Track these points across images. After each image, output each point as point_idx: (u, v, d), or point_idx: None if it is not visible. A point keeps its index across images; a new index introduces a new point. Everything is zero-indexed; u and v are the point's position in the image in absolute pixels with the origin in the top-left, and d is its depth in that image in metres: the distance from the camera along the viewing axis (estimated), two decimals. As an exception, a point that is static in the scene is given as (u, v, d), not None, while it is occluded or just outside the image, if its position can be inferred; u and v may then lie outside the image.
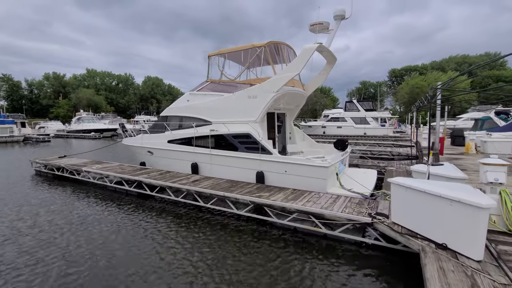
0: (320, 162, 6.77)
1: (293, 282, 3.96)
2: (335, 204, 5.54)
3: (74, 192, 8.76)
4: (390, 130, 32.54)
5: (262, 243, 5.20)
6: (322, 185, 6.76)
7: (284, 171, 7.27)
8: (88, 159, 12.17)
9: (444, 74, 67.63)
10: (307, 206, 5.38)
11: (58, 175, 10.67)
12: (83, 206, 7.45)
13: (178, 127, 9.63)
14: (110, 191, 8.83)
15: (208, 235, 5.57)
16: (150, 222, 6.27)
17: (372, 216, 4.76)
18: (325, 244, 5.11)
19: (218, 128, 8.49)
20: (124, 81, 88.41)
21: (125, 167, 9.86)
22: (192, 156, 8.88)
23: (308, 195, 6.15)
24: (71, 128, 38.12)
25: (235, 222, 6.22)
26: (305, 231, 5.48)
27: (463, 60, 79.64)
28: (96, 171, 9.26)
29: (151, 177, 8.18)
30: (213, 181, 7.61)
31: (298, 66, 7.47)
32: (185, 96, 9.64)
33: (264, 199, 5.89)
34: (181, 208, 7.15)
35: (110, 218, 6.57)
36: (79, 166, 10.04)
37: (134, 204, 7.58)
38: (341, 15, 7.98)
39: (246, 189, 6.71)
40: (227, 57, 9.07)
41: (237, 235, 5.55)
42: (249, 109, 8.11)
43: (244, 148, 7.89)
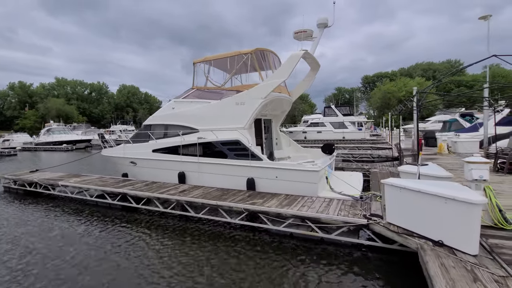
0: (310, 167, 6.84)
1: (297, 289, 3.91)
2: (329, 207, 5.60)
3: (50, 209, 8.15)
4: (367, 134, 33.86)
5: (258, 250, 5.12)
6: (313, 189, 6.82)
7: (275, 176, 7.25)
8: (64, 172, 11.42)
9: (411, 80, 71.92)
10: (303, 211, 5.39)
11: (31, 191, 9.89)
12: (62, 223, 6.94)
13: (163, 136, 9.35)
14: (90, 206, 8.32)
15: (203, 245, 5.39)
16: (139, 237, 5.96)
17: (367, 217, 4.86)
18: (322, 248, 5.13)
19: (206, 136, 8.35)
20: (98, 90, 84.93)
21: (106, 179, 9.36)
22: (179, 165, 8.63)
23: (302, 200, 6.17)
24: (40, 140, 35.74)
25: (229, 231, 6.09)
26: (301, 236, 5.47)
27: (428, 67, 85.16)
28: (75, 184, 8.70)
29: (136, 188, 7.82)
30: (203, 190, 7.42)
31: (285, 72, 7.57)
32: (170, 104, 9.41)
33: (259, 206, 5.82)
34: (170, 220, 6.89)
35: (94, 235, 6.15)
36: (54, 180, 9.39)
37: (119, 218, 7.18)
38: (324, 23, 8.25)
39: (239, 197, 6.61)
40: (213, 64, 9.02)
41: (233, 244, 5.42)
42: (237, 116, 8.06)
43: (233, 155, 7.80)
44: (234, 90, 8.34)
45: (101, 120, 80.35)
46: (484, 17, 9.70)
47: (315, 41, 8.40)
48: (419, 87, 72.43)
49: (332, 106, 35.92)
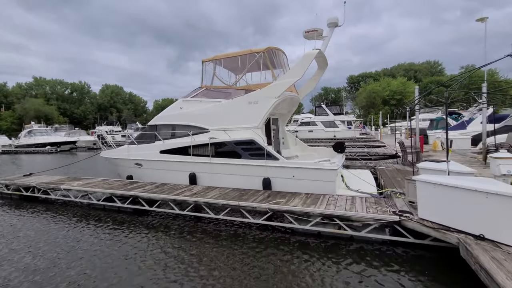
0: (329, 165, 6.88)
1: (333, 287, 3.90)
2: (355, 205, 5.64)
3: (53, 215, 7.72)
4: (357, 132, 34.59)
5: (287, 250, 5.07)
6: (331, 187, 6.86)
7: (291, 176, 7.24)
8: (60, 175, 10.87)
9: (394, 80, 74.21)
10: (331, 209, 5.40)
11: (27, 196, 9.34)
12: (70, 229, 6.59)
13: (170, 136, 9.10)
14: (97, 210, 7.96)
15: (227, 247, 5.27)
16: (157, 240, 5.74)
17: (398, 214, 4.93)
18: (352, 246, 5.15)
19: (217, 136, 8.21)
20: (79, 90, 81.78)
21: (111, 182, 9.00)
22: (190, 166, 8.43)
23: (324, 199, 6.18)
24: (21, 143, 33.92)
25: (251, 231, 6.00)
26: (329, 235, 5.48)
27: (410, 67, 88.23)
28: (79, 188, 8.30)
29: (148, 190, 7.56)
30: (219, 191, 7.27)
31: (299, 71, 7.57)
32: (177, 104, 9.17)
33: (284, 206, 5.78)
34: (186, 222, 6.70)
35: (108, 241, 5.86)
36: (55, 184, 8.92)
37: (131, 222, 6.91)
38: (335, 22, 8.31)
39: (259, 197, 6.53)
40: (223, 62, 8.87)
41: (259, 244, 5.33)
42: (250, 115, 7.98)
43: (248, 155, 7.71)
44: (246, 89, 8.25)
45: (83, 121, 77.45)
46: (482, 19, 10.12)
47: (325, 40, 8.45)
48: (402, 86, 74.45)
49: (323, 105, 36.44)
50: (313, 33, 8.32)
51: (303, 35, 8.61)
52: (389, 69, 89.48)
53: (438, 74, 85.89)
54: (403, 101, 69.56)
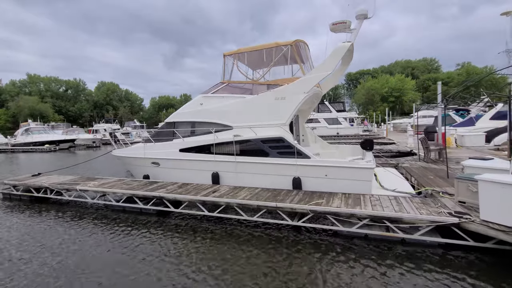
0: (365, 164, 6.57)
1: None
2: (401, 206, 5.34)
3: (71, 217, 7.28)
4: (360, 129, 34.48)
5: (331, 254, 4.76)
6: (367, 187, 6.57)
7: (324, 175, 6.92)
8: (70, 175, 10.38)
9: (392, 77, 74.37)
10: (380, 211, 5.09)
11: (38, 197, 8.87)
12: (93, 233, 6.17)
13: (190, 134, 8.70)
14: (116, 212, 7.55)
15: (264, 252, 4.93)
16: (188, 246, 5.35)
17: (456, 215, 4.64)
18: (401, 249, 4.85)
19: (241, 133, 7.84)
20: (74, 87, 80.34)
21: (129, 182, 8.57)
22: (212, 165, 8.05)
23: (365, 199, 5.86)
24: (18, 141, 33.03)
25: (289, 234, 5.65)
26: (377, 237, 5.17)
27: (407, 65, 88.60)
28: (96, 189, 7.87)
29: (172, 191, 7.16)
30: (247, 191, 6.91)
31: (331, 65, 7.22)
32: (197, 100, 8.74)
33: (327, 207, 5.45)
34: (216, 224, 6.34)
35: (136, 246, 5.47)
36: (69, 184, 8.46)
37: (155, 225, 6.53)
38: (364, 14, 7.94)
39: (294, 197, 6.19)
40: (246, 56, 8.45)
41: (302, 249, 4.99)
42: (277, 111, 7.62)
43: (276, 153, 7.36)
44: (268, 84, 7.87)
45: (79, 119, 76.18)
46: (507, 13, 9.88)
47: (353, 33, 8.07)
48: (400, 83, 74.51)
49: (326, 102, 36.16)
50: (341, 26, 7.95)
51: (330, 28, 8.23)
52: (387, 66, 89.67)
53: (435, 71, 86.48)
54: (401, 98, 69.91)
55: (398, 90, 70.12)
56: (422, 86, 78.66)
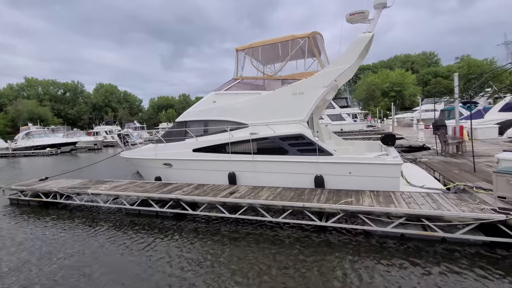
0: (392, 160, 6.28)
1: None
2: (438, 203, 5.05)
3: (85, 222, 6.99)
4: (364, 125, 34.19)
5: (365, 256, 4.50)
6: (395, 184, 6.28)
7: (348, 172, 6.62)
8: (79, 179, 10.06)
9: (392, 72, 74.12)
10: (417, 209, 4.80)
11: (47, 202, 8.56)
12: (111, 237, 5.88)
13: (203, 133, 8.39)
14: (130, 216, 7.25)
15: (292, 253, 4.65)
16: (211, 249, 5.08)
17: (502, 212, 4.35)
18: (440, 249, 4.58)
19: (258, 131, 7.54)
20: (73, 90, 79.79)
21: (142, 184, 8.27)
22: (229, 164, 7.75)
23: (397, 196, 5.57)
24: (18, 145, 32.63)
25: (316, 235, 5.37)
26: (415, 237, 4.89)
27: (406, 59, 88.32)
28: (109, 192, 7.56)
29: (189, 193, 6.87)
30: (269, 191, 6.61)
31: (352, 57, 6.92)
32: (209, 97, 8.43)
33: (359, 206, 5.16)
34: (237, 226, 6.05)
35: (157, 251, 5.20)
36: (80, 188, 8.15)
37: (174, 228, 6.25)
38: (383, 3, 7.59)
39: (320, 196, 5.89)
40: (260, 51, 8.11)
41: (332, 251, 4.73)
42: (295, 107, 7.32)
43: (296, 151, 7.06)
44: (290, 78, 7.55)
45: (78, 121, 75.66)
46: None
47: (372, 23, 7.73)
48: (401, 78, 74.20)
49: (329, 98, 35.79)
50: (358, 16, 7.62)
51: (346, 19, 7.88)
52: (386, 61, 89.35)
53: (434, 65, 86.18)
54: (402, 92, 69.67)
55: (398, 85, 69.85)
56: (422, 80, 78.39)
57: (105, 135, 41.52)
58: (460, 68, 70.81)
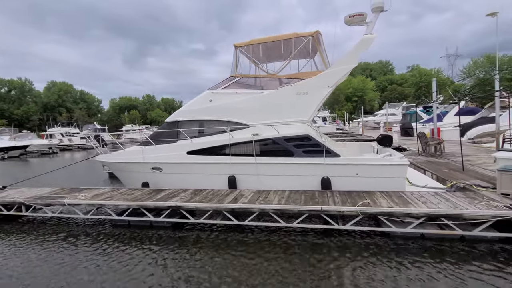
0: (399, 160, 6.36)
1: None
2: (451, 202, 5.16)
3: (59, 238, 5.98)
4: (333, 128, 35.57)
5: (388, 257, 4.45)
6: (401, 184, 6.37)
7: (355, 174, 6.57)
8: (45, 187, 8.71)
9: (354, 78, 78.77)
10: (437, 208, 4.84)
11: (7, 216, 7.23)
12: (94, 256, 5.07)
13: (198, 134, 7.78)
14: (118, 228, 6.41)
15: (313, 258, 4.42)
16: (220, 262, 4.63)
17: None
18: (459, 247, 4.67)
19: (260, 132, 7.19)
20: (19, 88, 71.22)
21: (127, 191, 7.37)
22: (229, 168, 7.25)
23: (410, 196, 5.60)
24: (-47, 150, 27.95)
25: (335, 239, 5.20)
26: (434, 236, 4.93)
27: (366, 67, 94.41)
28: (91, 201, 6.59)
29: (188, 199, 6.25)
30: (276, 194, 6.27)
31: (355, 57, 6.94)
32: (205, 96, 7.84)
33: (379, 207, 5.07)
34: (248, 234, 5.62)
35: (159, 267, 4.59)
36: (52, 198, 7.00)
37: (173, 239, 5.65)
38: (380, 7, 7.75)
39: (334, 199, 5.71)
40: (261, 48, 7.75)
41: (355, 255, 4.59)
42: (299, 107, 7.12)
43: (301, 152, 6.84)
44: (293, 77, 7.32)
45: (25, 123, 67.63)
46: (492, 14, 10.57)
47: (370, 26, 7.86)
48: (362, 84, 78.94)
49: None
50: (357, 18, 7.69)
51: (345, 20, 7.91)
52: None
53: (389, 73, 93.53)
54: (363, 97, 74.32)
55: (360, 90, 74.26)
56: (379, 87, 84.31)
57: (61, 137, 37.67)
58: (413, 76, 77.40)
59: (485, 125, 16.89)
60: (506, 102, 15.58)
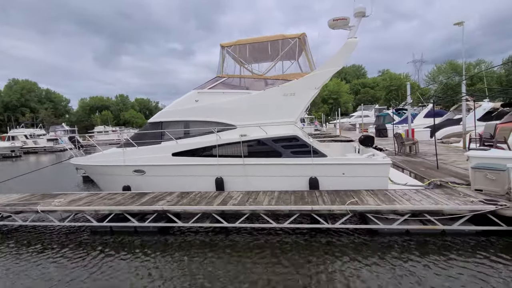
0: (382, 160, 6.62)
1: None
2: (431, 198, 5.46)
3: (33, 248, 5.53)
4: (312, 129, 36.37)
5: (377, 254, 4.62)
6: (384, 182, 6.63)
7: (341, 173, 6.74)
8: (14, 193, 8.00)
9: (330, 80, 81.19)
10: (420, 205, 5.10)
11: (-31, 226, 6.55)
12: (82, 267, 4.75)
13: (183, 135, 7.57)
14: (99, 234, 6.04)
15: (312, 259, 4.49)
16: (210, 267, 4.56)
17: (491, 203, 4.91)
18: (441, 241, 4.96)
19: (247, 132, 7.15)
20: (-26, 85, 65.09)
21: (107, 195, 6.97)
22: (216, 169, 7.12)
23: (393, 194, 5.85)
24: None
25: (324, 238, 5.30)
26: (418, 232, 5.18)
27: (341, 70, 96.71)
28: (67, 208, 6.15)
29: (175, 202, 6.04)
30: (265, 195, 6.25)
31: (341, 60, 7.13)
32: (190, 96, 7.65)
33: (367, 205, 5.24)
34: (238, 236, 5.56)
35: (149, 276, 4.41)
36: (23, 205, 6.44)
37: (161, 245, 5.45)
38: (362, 12, 8.03)
39: (324, 198, 5.81)
40: (248, 48, 7.71)
41: (345, 253, 4.70)
42: (286, 108, 7.18)
43: (289, 153, 6.90)
44: (281, 79, 7.37)
45: (-18, 124, 62.01)
46: (459, 23, 11.39)
47: (352, 30, 8.12)
48: (337, 87, 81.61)
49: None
50: (341, 22, 7.92)
51: (328, 24, 8.11)
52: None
53: (362, 76, 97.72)
54: (338, 100, 76.96)
55: (335, 93, 76.65)
56: (353, 90, 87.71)
57: (24, 139, 34.96)
58: (384, 80, 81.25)
59: (452, 127, 18.18)
60: (470, 105, 16.90)
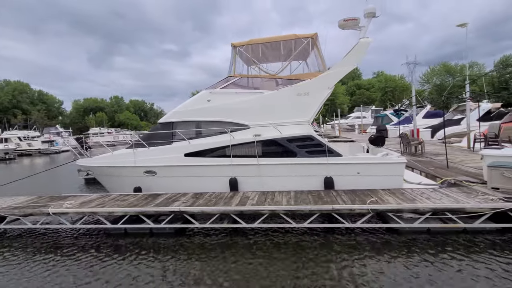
0: (397, 159, 6.63)
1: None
2: (451, 197, 5.48)
3: (45, 251, 5.37)
4: (310, 130, 36.45)
5: (400, 253, 4.60)
6: (398, 182, 6.65)
7: (356, 173, 6.74)
8: (20, 196, 7.79)
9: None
10: (442, 203, 5.10)
11: (-25, 230, 6.34)
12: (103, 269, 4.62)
13: (195, 135, 7.48)
14: (113, 237, 5.90)
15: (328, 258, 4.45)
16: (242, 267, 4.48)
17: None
18: (461, 239, 4.97)
19: (261, 132, 7.10)
20: (-35, 86, 63.73)
21: (119, 197, 6.83)
22: (229, 170, 7.05)
23: (411, 193, 5.86)
24: None
25: (344, 237, 5.27)
26: (439, 230, 5.18)
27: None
28: (80, 210, 6.00)
29: (191, 203, 5.95)
30: (281, 195, 6.20)
31: (355, 59, 7.14)
32: (202, 96, 7.56)
33: (389, 204, 5.22)
34: (257, 237, 5.49)
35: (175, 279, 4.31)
36: (33, 208, 6.26)
37: (178, 246, 5.34)
38: (372, 12, 8.08)
39: (342, 198, 5.79)
40: (261, 48, 7.66)
41: (367, 252, 4.67)
42: (300, 108, 7.16)
43: (304, 152, 6.87)
44: (294, 79, 7.33)
45: (-27, 126, 60.57)
46: (462, 25, 11.55)
47: (363, 30, 8.15)
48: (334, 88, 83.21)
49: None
50: (352, 23, 7.94)
51: (339, 24, 8.14)
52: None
53: (357, 78, 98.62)
54: (334, 101, 77.48)
55: (332, 94, 77.02)
56: (349, 91, 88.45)
57: (18, 142, 34.27)
58: (379, 81, 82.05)
59: (452, 127, 18.43)
60: (470, 106, 17.13)
